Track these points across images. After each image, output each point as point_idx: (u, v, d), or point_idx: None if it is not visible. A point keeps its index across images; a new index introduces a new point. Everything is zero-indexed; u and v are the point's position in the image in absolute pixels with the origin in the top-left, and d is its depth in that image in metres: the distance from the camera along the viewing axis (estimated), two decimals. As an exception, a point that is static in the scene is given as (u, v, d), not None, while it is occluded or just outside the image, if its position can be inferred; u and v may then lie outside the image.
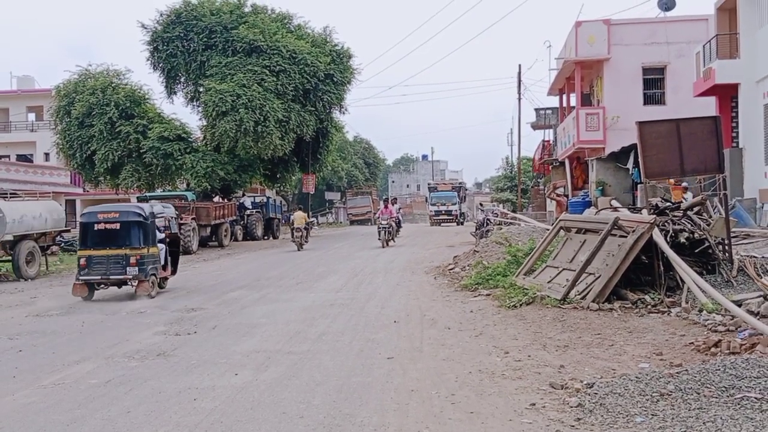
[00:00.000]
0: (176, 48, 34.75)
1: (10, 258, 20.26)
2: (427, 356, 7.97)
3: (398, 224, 28.10)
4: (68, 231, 25.71)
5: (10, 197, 21.74)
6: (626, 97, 28.69)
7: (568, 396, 6.09)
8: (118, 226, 13.89)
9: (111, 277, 13.69)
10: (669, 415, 5.38)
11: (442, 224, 51.36)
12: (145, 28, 35.53)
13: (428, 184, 63.67)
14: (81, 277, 13.80)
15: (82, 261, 13.73)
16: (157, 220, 14.65)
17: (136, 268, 13.54)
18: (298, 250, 26.48)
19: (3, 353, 9.11)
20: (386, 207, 28.31)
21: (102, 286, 14.05)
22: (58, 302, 14.01)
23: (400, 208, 38.36)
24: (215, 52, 34.13)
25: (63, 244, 27.55)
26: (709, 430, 5.00)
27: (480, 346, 8.38)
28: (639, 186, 21.91)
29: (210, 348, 8.86)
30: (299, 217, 28.32)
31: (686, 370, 6.41)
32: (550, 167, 40.98)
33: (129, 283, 13.82)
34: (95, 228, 13.98)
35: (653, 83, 29.09)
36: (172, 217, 16.88)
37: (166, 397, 6.59)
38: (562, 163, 35.79)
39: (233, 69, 33.05)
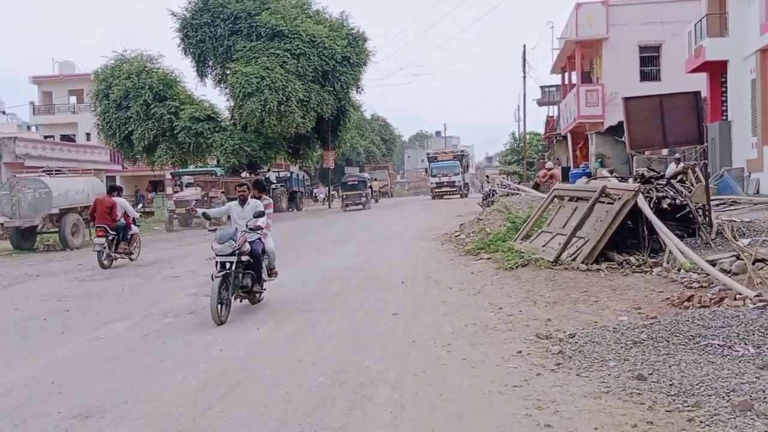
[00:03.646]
0: (204, 34, 34.95)
1: (57, 229, 20.79)
2: (428, 312, 8.24)
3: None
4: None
5: (56, 174, 22.15)
6: (624, 74, 28.55)
7: (551, 345, 6.34)
8: None
9: None
10: (639, 360, 5.61)
11: (444, 197, 44.93)
12: (175, 15, 35.76)
13: (427, 154, 55.76)
14: None
15: None
16: None
17: None
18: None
19: (52, 313, 9.53)
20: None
21: None
22: (100, 270, 14.41)
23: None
24: (240, 37, 34.29)
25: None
26: (673, 372, 5.22)
27: (477, 303, 8.63)
28: (635, 158, 21.93)
29: (234, 307, 9.17)
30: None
31: (659, 321, 6.63)
32: (554, 141, 40.91)
33: None
34: None
35: (649, 61, 28.92)
36: None
37: (196, 349, 6.93)
38: (565, 137, 35.74)
39: (257, 53, 33.22)
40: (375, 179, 51.90)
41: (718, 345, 5.80)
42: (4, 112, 52.68)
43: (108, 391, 5.59)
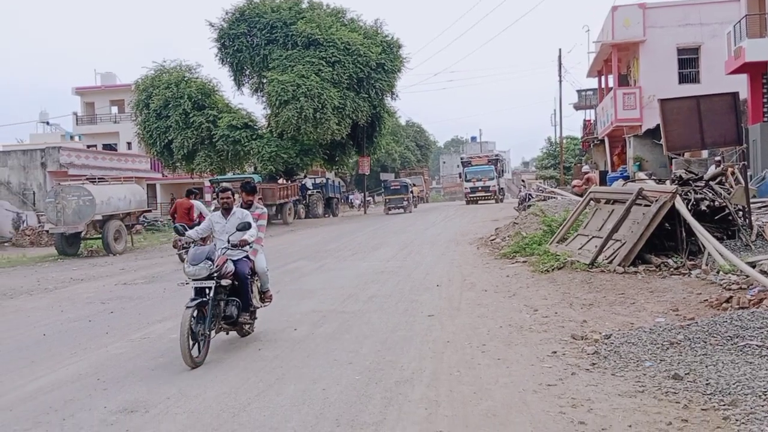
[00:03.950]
0: (241, 44, 35.53)
1: (100, 236, 21.32)
2: (464, 314, 8.29)
3: None
4: (149, 211, 26.75)
5: (99, 182, 22.73)
6: (662, 76, 28.14)
7: (586, 345, 6.35)
8: None
9: None
10: (675, 360, 5.60)
11: (479, 202, 44.13)
12: (213, 26, 36.42)
13: (461, 159, 54.34)
14: None
15: None
16: None
17: None
18: None
19: (97, 314, 9.81)
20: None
21: None
22: (142, 273, 14.80)
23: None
24: (276, 46, 34.76)
25: (146, 224, 28.71)
26: (709, 372, 5.20)
27: (512, 305, 8.65)
28: (674, 161, 21.61)
29: (273, 309, 9.31)
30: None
31: (696, 322, 6.59)
32: (591, 145, 40.48)
33: None
34: None
35: (688, 63, 28.45)
36: None
37: (235, 348, 7.10)
38: (603, 141, 35.34)
39: (293, 61, 33.64)
40: (414, 185, 52.33)
41: (757, 345, 5.75)
42: (48, 123, 54.03)
43: (152, 387, 5.78)
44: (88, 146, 46.84)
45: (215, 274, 6.67)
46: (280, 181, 36.05)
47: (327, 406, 5.02)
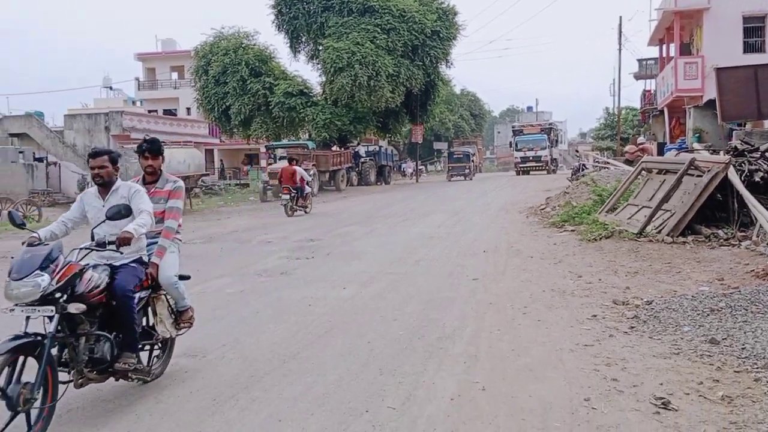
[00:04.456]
0: (298, 11, 35.74)
1: (160, 198, 22.10)
2: (508, 278, 8.46)
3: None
4: (207, 175, 27.51)
5: (159, 145, 23.47)
6: (726, 45, 27.18)
7: (627, 310, 6.47)
8: None
9: None
10: (715, 326, 5.67)
11: (530, 172, 42.76)
12: (270, -8, 36.70)
13: (512, 127, 52.72)
14: None
15: None
16: None
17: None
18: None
19: (158, 270, 10.33)
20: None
21: None
22: (200, 233, 15.38)
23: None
24: (332, 13, 34.86)
25: (204, 188, 29.54)
26: (747, 337, 5.28)
27: (557, 271, 8.77)
28: (734, 132, 21.05)
29: (324, 269, 9.71)
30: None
31: (740, 291, 6.63)
32: (650, 116, 39.51)
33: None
34: None
35: (753, 31, 27.39)
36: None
37: (287, 303, 7.46)
38: (662, 112, 34.49)
39: (349, 28, 33.73)
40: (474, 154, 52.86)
41: (798, 314, 5.77)
42: (111, 88, 55.61)
43: (209, 335, 6.17)
44: (149, 111, 48.14)
45: (58, 295, 3.97)
46: (334, 148, 36.44)
47: (372, 357, 5.31)
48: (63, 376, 4.14)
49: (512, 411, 4.11)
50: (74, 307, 4.04)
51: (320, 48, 35.02)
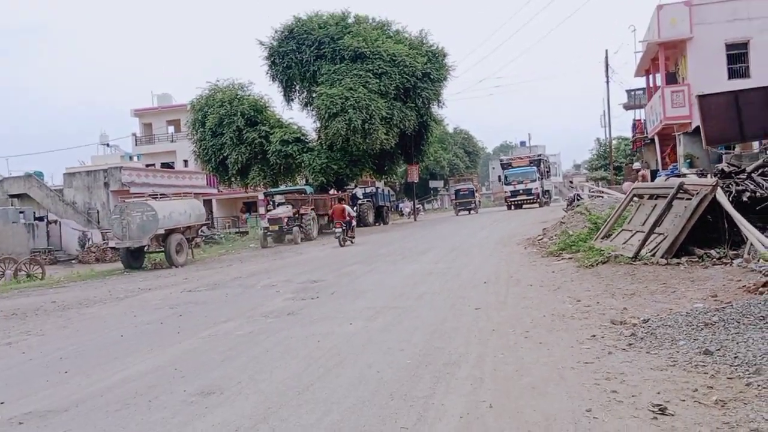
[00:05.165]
0: (291, 60, 36.62)
1: (162, 249, 22.40)
2: (509, 306, 8.71)
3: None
4: (208, 224, 27.84)
5: (160, 198, 23.85)
6: (711, 73, 27.88)
7: (625, 329, 6.72)
8: None
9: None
10: (708, 339, 5.93)
11: (524, 206, 42.50)
12: (263, 44, 37.63)
13: (500, 161, 52.82)
14: None
15: None
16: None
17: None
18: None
19: (168, 317, 10.57)
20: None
21: None
22: (205, 281, 15.64)
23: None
24: (325, 61, 35.72)
25: (204, 237, 29.86)
26: (739, 347, 5.53)
27: (556, 297, 9.02)
28: (724, 156, 21.50)
29: (329, 307, 9.95)
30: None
31: (731, 305, 6.89)
32: (642, 144, 40.10)
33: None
34: None
35: (737, 58, 28.11)
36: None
37: (296, 341, 7.69)
38: (653, 140, 35.07)
39: (341, 75, 34.52)
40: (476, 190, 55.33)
41: (788, 323, 6.03)
42: (108, 145, 56.28)
43: (224, 374, 6.40)
44: (147, 165, 48.74)
45: None
46: (332, 191, 36.89)
47: (381, 385, 5.54)
48: None
49: (518, 425, 4.34)
50: None
51: (314, 95, 35.78)
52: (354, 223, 24.88)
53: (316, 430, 4.56)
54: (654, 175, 29.27)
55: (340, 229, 23.45)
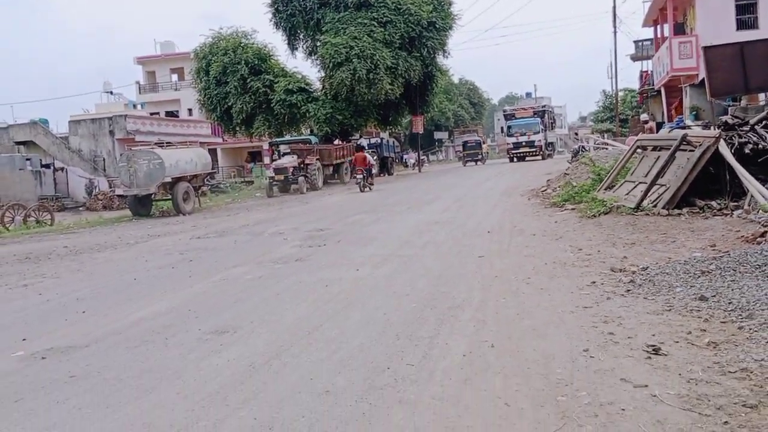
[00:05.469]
0: (294, 8, 36.16)
1: (170, 197, 22.62)
2: (512, 254, 8.92)
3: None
4: (215, 173, 28.02)
5: (167, 146, 23.94)
6: (719, 23, 27.49)
7: (624, 276, 6.92)
8: None
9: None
10: (705, 286, 6.12)
11: (526, 158, 41.30)
12: (267, -10, 37.10)
13: (503, 111, 51.85)
14: None
15: None
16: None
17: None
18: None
19: (179, 263, 10.83)
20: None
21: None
22: (213, 229, 15.89)
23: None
24: (329, 9, 35.28)
25: (210, 187, 30.06)
26: (734, 293, 5.73)
27: (558, 246, 9.22)
28: (729, 108, 21.43)
29: (336, 254, 10.18)
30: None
31: (729, 254, 7.07)
32: (648, 96, 39.83)
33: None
34: None
35: (746, 9, 27.66)
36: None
37: (305, 286, 7.93)
38: (659, 92, 34.84)
39: (345, 23, 34.13)
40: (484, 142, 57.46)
41: (782, 271, 6.21)
42: (111, 93, 56.04)
43: (236, 315, 6.65)
44: (151, 114, 48.64)
45: None
46: (336, 141, 36.89)
47: (388, 326, 5.78)
48: None
49: (518, 362, 4.57)
50: None
51: (318, 44, 35.46)
52: (374, 171, 27.67)
53: (326, 365, 4.81)
54: (660, 127, 29.20)
55: (361, 176, 25.47)
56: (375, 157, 38.97)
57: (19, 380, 5.14)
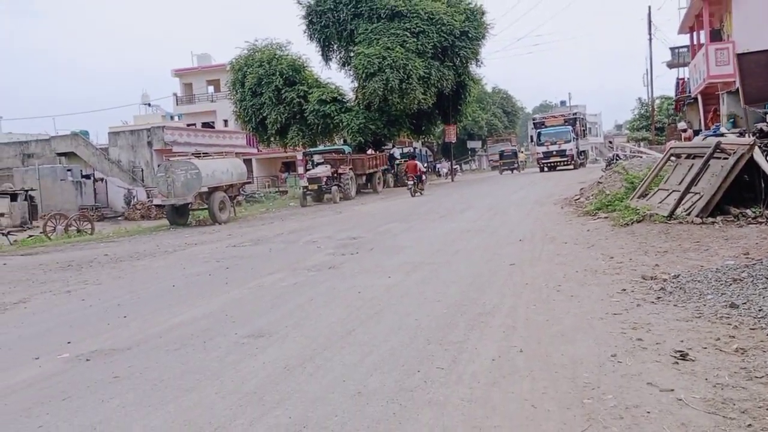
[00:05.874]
0: (328, 19, 36.57)
1: (206, 207, 23.07)
2: (543, 262, 8.97)
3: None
4: (250, 183, 28.44)
5: (203, 157, 24.42)
6: (756, 29, 27.05)
7: (655, 284, 6.94)
8: None
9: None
10: (736, 294, 6.13)
11: (557, 167, 40.25)
12: (300, 3, 37.60)
13: (533, 120, 50.09)
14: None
15: None
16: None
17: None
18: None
19: (216, 270, 11.10)
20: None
21: None
22: (248, 237, 16.21)
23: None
24: (362, 20, 35.60)
25: (245, 196, 30.53)
26: (765, 301, 5.72)
27: (590, 254, 9.25)
28: (766, 116, 21.09)
29: (369, 262, 10.34)
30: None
31: (761, 261, 7.05)
32: (684, 104, 39.33)
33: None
34: None
35: (784, 13, 27.23)
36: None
37: (338, 292, 8.10)
38: (696, 100, 34.39)
39: (378, 34, 34.41)
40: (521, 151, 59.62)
41: (816, 280, 6.19)
42: (149, 105, 57.16)
43: (272, 320, 6.84)
44: (188, 125, 49.52)
45: None
46: (369, 151, 37.14)
47: (419, 331, 5.90)
48: None
49: (546, 366, 4.67)
50: None
51: (351, 54, 35.78)
52: (425, 177, 29.59)
53: (358, 368, 4.95)
54: (696, 135, 28.83)
55: (412, 182, 27.58)
56: (398, 167, 39.33)
57: (65, 380, 5.39)
